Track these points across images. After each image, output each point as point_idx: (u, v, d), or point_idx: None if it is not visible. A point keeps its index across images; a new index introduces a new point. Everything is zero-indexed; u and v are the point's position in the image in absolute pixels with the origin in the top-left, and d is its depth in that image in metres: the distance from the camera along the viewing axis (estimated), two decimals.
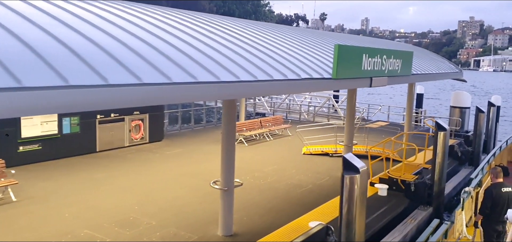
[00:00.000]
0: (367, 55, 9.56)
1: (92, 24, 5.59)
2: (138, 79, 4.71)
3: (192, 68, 5.66)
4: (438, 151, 12.38)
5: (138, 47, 5.43)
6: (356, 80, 9.32)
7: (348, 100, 14.12)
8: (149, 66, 5.11)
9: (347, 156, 7.69)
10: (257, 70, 6.82)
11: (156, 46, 5.73)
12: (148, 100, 4.81)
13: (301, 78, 7.64)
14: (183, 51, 6.08)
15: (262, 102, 28.71)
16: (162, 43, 6.01)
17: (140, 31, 6.10)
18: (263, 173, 13.91)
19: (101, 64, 4.59)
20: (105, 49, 4.96)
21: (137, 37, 5.79)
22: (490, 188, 8.75)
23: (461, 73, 18.49)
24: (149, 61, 5.21)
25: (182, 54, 5.97)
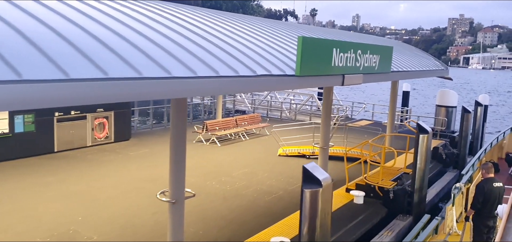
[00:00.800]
0: (338, 50, 8.46)
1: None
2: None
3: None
4: (419, 155, 11.37)
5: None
6: (324, 78, 8.23)
7: (324, 98, 13.04)
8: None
9: (308, 166, 6.62)
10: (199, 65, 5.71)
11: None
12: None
13: (256, 74, 6.53)
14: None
15: (243, 99, 27.59)
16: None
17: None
18: (231, 177, 12.81)
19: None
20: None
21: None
22: (481, 183, 8.77)
23: (447, 70, 17.51)
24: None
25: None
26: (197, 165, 13.84)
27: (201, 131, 17.19)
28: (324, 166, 13.08)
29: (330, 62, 8.29)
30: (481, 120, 19.48)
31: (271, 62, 7.29)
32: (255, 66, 6.74)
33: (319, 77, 8.04)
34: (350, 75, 9.16)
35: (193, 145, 16.66)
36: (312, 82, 8.00)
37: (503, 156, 18.49)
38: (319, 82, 8.25)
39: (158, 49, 5.45)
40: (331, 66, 8.35)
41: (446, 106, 21.69)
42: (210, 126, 17.07)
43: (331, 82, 8.67)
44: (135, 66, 4.75)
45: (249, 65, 6.64)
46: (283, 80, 7.11)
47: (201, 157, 14.97)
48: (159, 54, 5.30)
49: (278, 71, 7.15)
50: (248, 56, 6.99)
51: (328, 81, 8.49)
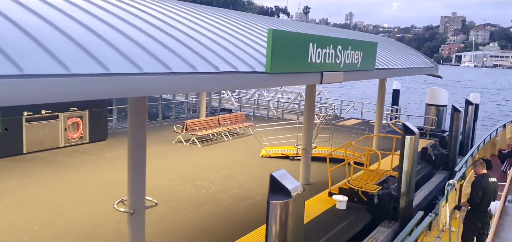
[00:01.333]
0: (315, 45, 7.77)
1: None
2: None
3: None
4: (406, 158, 10.71)
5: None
6: (300, 75, 7.53)
7: (306, 97, 12.37)
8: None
9: (277, 174, 5.94)
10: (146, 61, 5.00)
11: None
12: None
13: (219, 71, 5.82)
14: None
15: (230, 97, 26.85)
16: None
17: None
18: (208, 181, 12.09)
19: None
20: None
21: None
22: (478, 179, 8.76)
23: (436, 68, 16.89)
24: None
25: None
26: (172, 168, 13.11)
27: (181, 131, 16.45)
28: (307, 168, 12.43)
29: (306, 58, 7.60)
30: (472, 119, 18.89)
31: (239, 58, 6.58)
32: (219, 62, 6.03)
33: (294, 74, 7.34)
34: (330, 73, 8.47)
35: (172, 146, 15.93)
36: (286, 80, 7.29)
37: (495, 153, 18.44)
38: (294, 80, 7.55)
39: None
40: (308, 63, 7.66)
41: (436, 105, 21.11)
42: (190, 125, 16.33)
43: (308, 80, 7.98)
44: None
45: (212, 61, 5.93)
46: (252, 78, 6.41)
47: (178, 158, 14.24)
48: None
49: (247, 67, 6.44)
50: (212, 51, 6.28)
51: (304, 79, 7.79)
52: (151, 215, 9.35)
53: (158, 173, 12.45)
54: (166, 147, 15.68)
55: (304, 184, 12.39)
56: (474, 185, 8.78)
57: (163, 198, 10.56)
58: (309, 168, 12.51)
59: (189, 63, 5.50)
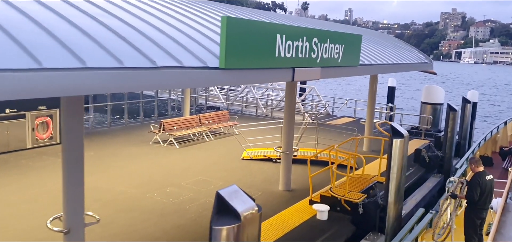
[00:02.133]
0: (284, 37, 6.72)
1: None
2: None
3: None
4: (394, 163, 9.67)
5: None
6: (265, 72, 6.49)
7: (286, 95, 11.34)
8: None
9: (225, 191, 4.92)
10: None
11: None
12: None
13: (156, 66, 4.79)
14: None
15: (218, 94, 25.79)
16: None
17: None
18: (179, 187, 11.06)
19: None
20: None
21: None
22: (476, 177, 8.77)
23: (431, 64, 15.82)
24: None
25: None
26: (143, 172, 12.08)
27: (158, 131, 15.41)
28: (287, 173, 11.41)
29: (273, 52, 6.55)
30: (470, 119, 17.84)
31: (189, 50, 5.53)
32: (159, 55, 4.99)
33: (257, 71, 6.29)
34: (303, 69, 7.43)
35: (148, 147, 14.89)
36: (247, 77, 6.24)
37: (497, 150, 18.40)
38: (258, 78, 6.50)
39: None
40: (275, 57, 6.60)
41: (431, 103, 20.08)
42: (167, 125, 15.29)
43: (276, 78, 6.94)
44: None
45: (148, 54, 4.88)
46: (200, 75, 5.36)
47: (151, 161, 13.20)
48: None
49: (197, 62, 5.40)
50: (154, 42, 5.24)
51: (271, 76, 6.74)
52: (105, 229, 8.35)
53: (125, 179, 11.44)
54: (141, 149, 14.65)
55: (284, 190, 11.38)
56: (472, 184, 8.80)
57: (123, 208, 9.55)
58: (289, 173, 11.49)
59: (114, 54, 4.47)
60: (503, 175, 14.76)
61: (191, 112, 22.78)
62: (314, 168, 12.92)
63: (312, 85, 26.37)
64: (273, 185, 11.67)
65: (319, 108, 24.07)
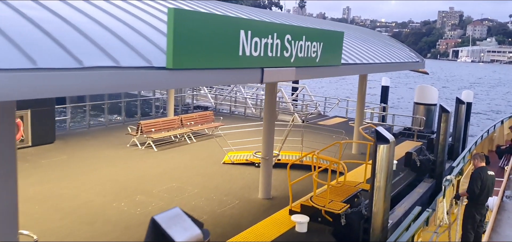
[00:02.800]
0: (250, 33, 5.97)
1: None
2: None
3: None
4: (378, 171, 8.92)
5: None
6: (226, 73, 5.73)
7: (266, 96, 10.60)
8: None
9: (161, 217, 4.11)
10: None
11: None
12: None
13: (82, 66, 4.04)
14: None
15: (206, 93, 25.03)
16: None
17: None
18: (150, 196, 10.30)
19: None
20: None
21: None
22: (477, 171, 8.89)
23: (422, 63, 15.09)
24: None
25: None
26: (114, 178, 11.32)
27: (135, 133, 14.65)
28: (267, 179, 10.67)
29: (237, 50, 5.79)
30: (463, 120, 17.13)
31: (131, 46, 4.77)
32: (89, 52, 4.22)
33: (215, 71, 5.53)
34: (274, 69, 6.68)
35: (124, 150, 14.13)
36: (202, 78, 5.47)
37: (493, 149, 18.50)
38: (217, 79, 5.74)
39: None
40: (239, 56, 5.85)
41: (425, 104, 19.37)
42: (145, 127, 14.52)
43: (241, 79, 6.18)
44: None
45: (74, 51, 4.12)
46: (140, 76, 4.60)
47: (125, 166, 12.44)
48: None
49: (139, 60, 4.64)
50: (85, 35, 4.48)
51: (234, 77, 5.99)
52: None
53: (94, 185, 10.68)
54: (118, 152, 13.88)
55: (263, 198, 10.64)
56: (473, 177, 8.90)
57: (85, 219, 8.79)
58: (270, 179, 10.75)
59: (24, 50, 3.71)
60: (499, 173, 14.65)
61: (177, 112, 22.05)
62: (299, 172, 12.22)
63: (303, 84, 25.65)
64: (253, 192, 10.93)
65: (309, 108, 23.32)
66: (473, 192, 8.88)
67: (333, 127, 20.79)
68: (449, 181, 10.45)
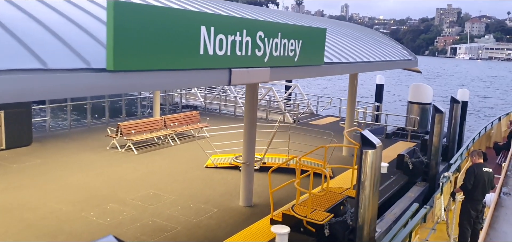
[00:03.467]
0: (213, 29, 5.32)
1: None
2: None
3: None
4: (364, 178, 8.29)
5: None
6: (182, 74, 5.08)
7: (246, 96, 9.96)
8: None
9: None
10: None
11: None
12: None
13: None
14: None
15: (196, 93, 24.35)
16: None
17: None
18: (123, 204, 9.66)
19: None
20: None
21: None
22: (472, 167, 9.01)
23: (415, 61, 14.42)
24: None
25: None
26: (86, 184, 10.67)
27: (115, 135, 13.99)
28: (248, 185, 10.04)
29: (197, 49, 5.14)
30: (458, 120, 16.50)
31: (66, 44, 4.12)
32: (9, 51, 3.57)
33: (170, 73, 4.88)
34: (245, 70, 6.03)
35: (103, 153, 13.48)
36: (155, 81, 4.82)
37: (491, 146, 18.41)
38: (174, 81, 5.09)
39: None
40: (200, 56, 5.20)
41: (419, 103, 18.75)
42: (125, 129, 13.87)
43: (204, 80, 5.55)
44: None
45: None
46: (76, 80, 3.94)
47: (100, 170, 11.79)
48: None
49: (74, 61, 3.99)
50: (6, 29, 3.83)
51: (194, 79, 5.35)
52: None
53: (64, 193, 10.04)
54: (96, 155, 13.23)
55: (244, 206, 10.01)
56: (467, 172, 8.98)
57: (48, 231, 8.16)
58: (251, 186, 10.12)
59: None
60: (497, 170, 14.34)
61: (164, 112, 21.41)
62: (285, 177, 11.62)
63: (295, 83, 25.01)
64: (234, 199, 10.30)
65: (300, 107, 22.67)
66: (465, 187, 8.91)
67: (325, 127, 20.17)
68: (446, 178, 10.47)
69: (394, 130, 19.08)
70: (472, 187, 8.82)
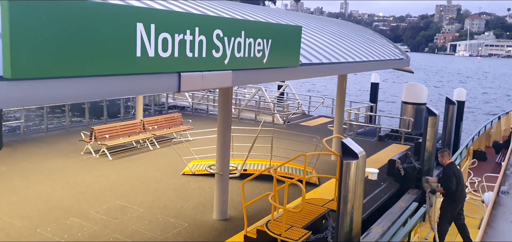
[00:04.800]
0: (154, 27, 4.51)
1: None
2: None
3: None
4: (345, 191, 7.48)
5: None
6: (115, 80, 4.27)
7: (219, 101, 9.14)
8: None
9: None
10: None
11: None
12: None
13: None
14: None
15: (184, 93, 23.53)
16: None
17: None
18: (84, 218, 8.85)
19: None
20: None
21: None
22: (449, 168, 9.00)
23: (407, 60, 13.59)
24: None
25: None
26: (48, 195, 9.86)
27: (89, 139, 13.18)
28: (222, 196, 9.23)
29: (133, 51, 4.33)
30: (454, 122, 15.67)
31: None
32: None
33: (97, 79, 4.06)
34: (197, 74, 5.22)
35: (76, 159, 12.67)
36: (74, 90, 3.99)
37: (490, 145, 18.44)
38: (102, 89, 4.26)
39: None
40: (137, 58, 4.39)
41: (413, 103, 17.92)
42: (99, 133, 13.05)
43: (144, 88, 4.72)
44: None
45: None
46: None
47: (67, 179, 10.97)
48: None
49: None
50: None
51: (130, 85, 4.53)
52: None
53: (21, 206, 9.23)
54: (66, 162, 12.42)
55: (218, 220, 9.21)
56: (447, 175, 9.03)
57: None
58: (226, 197, 9.32)
59: None
60: (496, 169, 14.73)
61: (149, 113, 20.61)
62: (266, 185, 10.85)
63: (286, 82, 24.19)
64: (207, 212, 9.50)
65: (290, 108, 21.86)
66: (449, 188, 8.99)
67: (316, 128, 19.39)
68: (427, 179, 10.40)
69: (388, 132, 18.27)
70: (456, 186, 8.91)
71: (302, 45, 8.58)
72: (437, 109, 12.92)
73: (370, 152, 15.43)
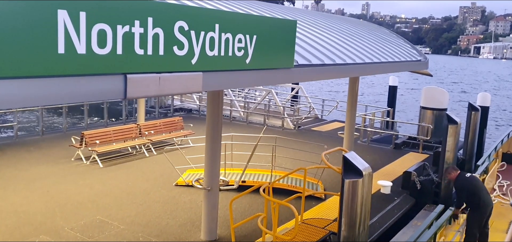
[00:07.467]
0: (85, 16, 3.49)
1: None
2: None
3: None
4: (347, 214, 6.38)
5: None
6: (27, 83, 3.26)
7: (208, 106, 8.11)
8: None
9: None
10: None
11: None
12: None
13: None
14: None
15: (190, 94, 22.59)
16: None
17: None
18: (56, 235, 7.93)
19: None
20: None
21: None
22: (459, 182, 8.45)
23: (425, 62, 12.30)
24: None
25: None
26: (22, 208, 8.97)
27: (79, 145, 12.31)
28: (212, 213, 8.19)
29: (53, 46, 3.32)
30: (478, 129, 14.34)
31: None
32: None
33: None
34: (153, 75, 4.18)
35: (64, 166, 11.82)
36: None
37: None
38: (12, 101, 3.26)
39: None
40: (59, 56, 3.38)
41: (433, 109, 16.59)
42: (89, 138, 12.16)
43: (74, 94, 3.69)
44: None
45: None
46: None
47: (47, 189, 10.06)
48: None
49: None
50: None
51: (54, 91, 3.51)
52: None
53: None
54: (53, 169, 11.56)
55: (206, 240, 8.17)
56: (458, 190, 8.56)
57: None
58: (215, 214, 8.27)
59: None
60: None
61: (154, 116, 19.75)
62: (253, 199, 9.78)
63: (299, 85, 23.06)
64: (195, 231, 8.47)
65: (301, 112, 20.72)
66: (460, 204, 8.54)
67: (328, 134, 18.24)
68: None
69: (405, 140, 16.97)
70: (473, 197, 8.23)
71: (302, 44, 7.50)
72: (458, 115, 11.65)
73: (384, 162, 14.22)
